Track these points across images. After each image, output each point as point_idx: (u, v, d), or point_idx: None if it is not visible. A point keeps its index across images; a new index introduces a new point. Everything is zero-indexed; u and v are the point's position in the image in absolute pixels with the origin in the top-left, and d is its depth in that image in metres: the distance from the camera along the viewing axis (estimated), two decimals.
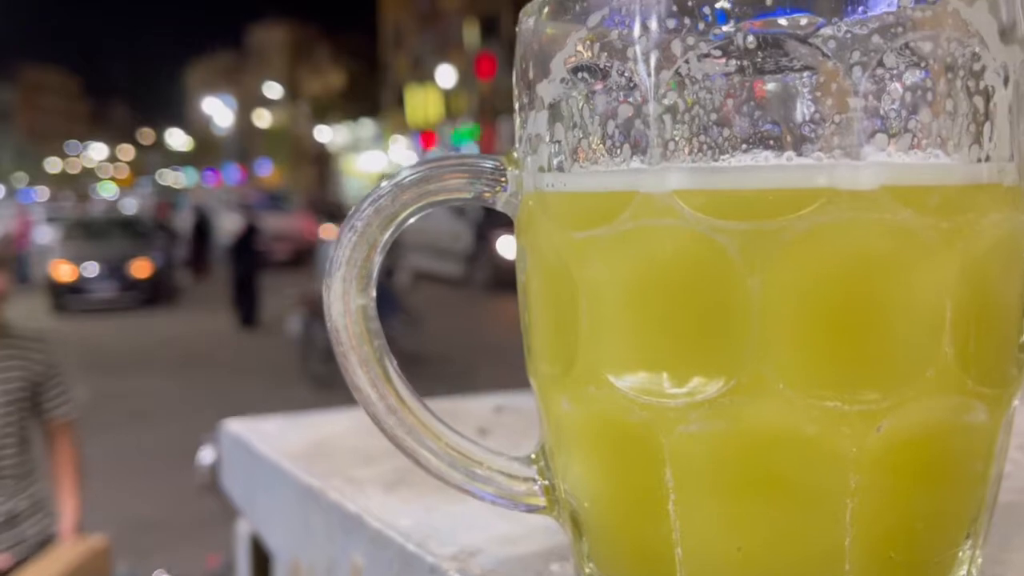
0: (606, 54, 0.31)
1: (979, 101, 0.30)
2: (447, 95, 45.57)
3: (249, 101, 64.74)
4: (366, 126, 55.13)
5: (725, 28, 0.29)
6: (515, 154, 0.36)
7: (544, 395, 0.36)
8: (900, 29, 0.29)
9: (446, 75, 40.25)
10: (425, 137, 47.86)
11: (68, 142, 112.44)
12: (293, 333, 9.54)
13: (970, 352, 0.30)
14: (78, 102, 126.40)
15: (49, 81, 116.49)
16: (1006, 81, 0.31)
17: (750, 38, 0.29)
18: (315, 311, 9.57)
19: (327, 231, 20.27)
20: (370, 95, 54.61)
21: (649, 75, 0.30)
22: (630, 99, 0.31)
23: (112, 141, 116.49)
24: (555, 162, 0.33)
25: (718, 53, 0.29)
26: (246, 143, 56.94)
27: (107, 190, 79.15)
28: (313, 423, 0.85)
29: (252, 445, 0.82)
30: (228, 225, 21.64)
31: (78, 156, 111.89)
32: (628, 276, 0.31)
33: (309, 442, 0.79)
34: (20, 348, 2.78)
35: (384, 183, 0.36)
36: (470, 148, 44.05)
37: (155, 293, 16.22)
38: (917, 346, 0.30)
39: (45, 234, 22.07)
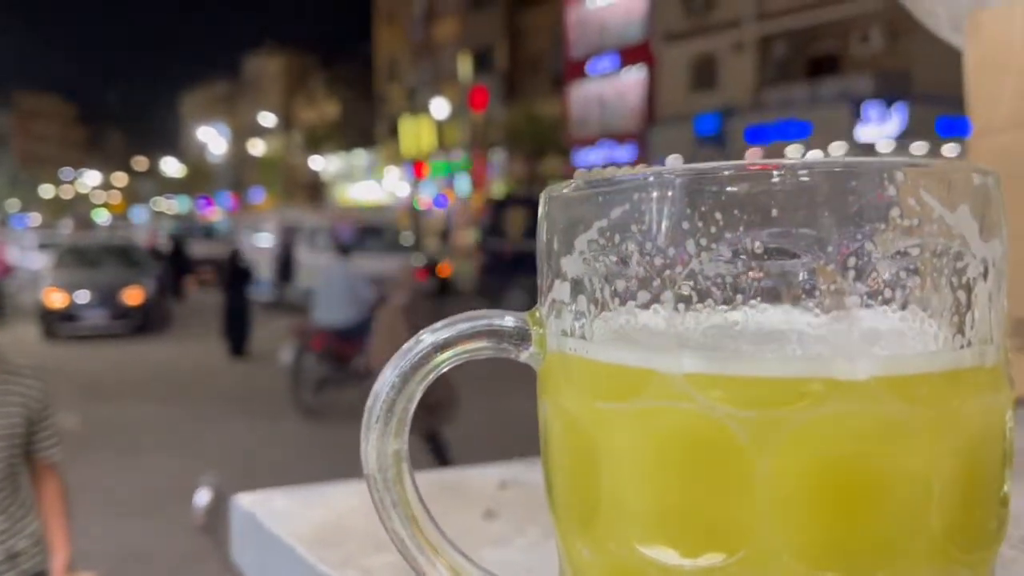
0: (625, 246, 0.35)
1: (962, 295, 0.34)
2: (440, 126, 45.80)
3: (243, 130, 64.95)
4: (360, 156, 55.32)
5: (734, 234, 0.33)
6: (537, 313, 0.40)
7: (565, 538, 0.39)
8: (891, 237, 0.32)
9: (440, 106, 40.48)
10: (418, 167, 47.96)
11: (62, 169, 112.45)
12: (284, 364, 9.49)
13: (955, 523, 0.34)
14: (72, 129, 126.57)
15: (44, 108, 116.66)
16: (985, 274, 0.34)
17: (757, 243, 0.32)
18: (306, 342, 9.50)
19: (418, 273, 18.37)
20: (364, 125, 54.84)
21: (664, 269, 0.34)
22: (647, 287, 0.34)
23: (106, 168, 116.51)
24: (577, 328, 0.37)
25: (728, 254, 0.33)
26: (240, 171, 57.08)
27: (99, 216, 79.01)
28: (324, 498, 0.87)
29: (263, 524, 0.84)
30: (315, 262, 17.52)
31: (72, 183, 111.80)
32: (646, 451, 0.34)
33: (321, 522, 0.81)
34: (18, 384, 2.75)
35: (426, 335, 0.39)
36: (461, 179, 44.19)
37: (147, 321, 16.11)
38: (907, 522, 0.33)
39: (37, 260, 22.00)
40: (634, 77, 35.01)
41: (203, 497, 2.50)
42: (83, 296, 15.69)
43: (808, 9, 29.00)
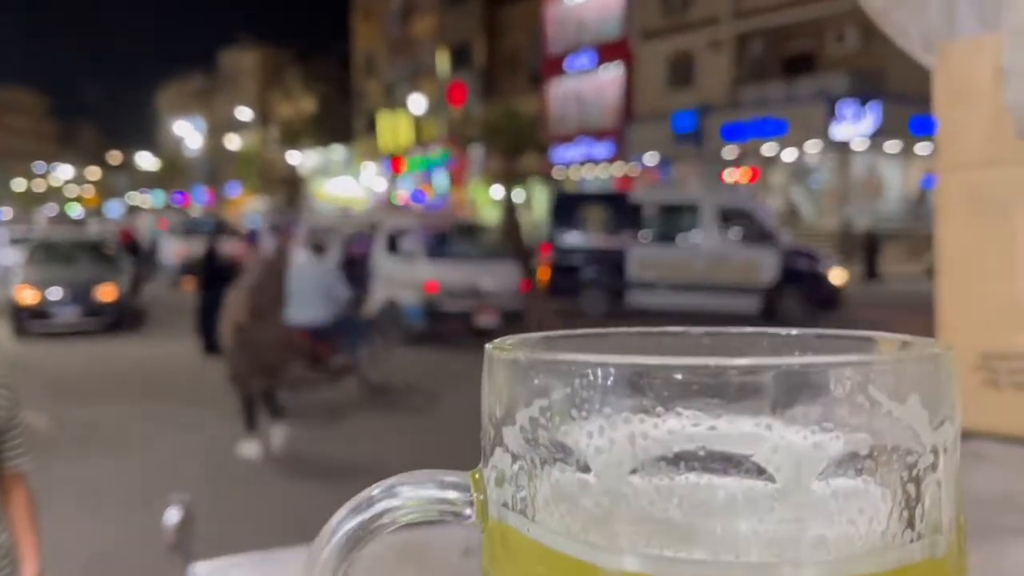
0: (564, 428, 0.33)
1: (911, 488, 0.33)
2: (418, 122, 45.70)
3: (219, 124, 64.56)
4: (337, 151, 55.12)
5: (678, 433, 0.32)
6: (478, 475, 0.38)
7: None
8: (839, 436, 0.32)
9: (417, 102, 40.39)
10: (395, 163, 47.87)
11: (35, 162, 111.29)
12: None
13: None
14: (45, 122, 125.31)
15: (16, 101, 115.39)
16: (935, 464, 0.33)
17: (701, 447, 0.32)
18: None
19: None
20: (341, 120, 54.62)
21: (604, 464, 0.33)
22: (586, 478, 0.33)
23: (80, 162, 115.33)
24: (518, 502, 0.35)
25: (670, 454, 0.32)
26: (215, 166, 56.73)
27: (73, 210, 78.23)
28: (280, 565, 0.85)
29: None
30: (397, 270, 14.70)
31: (45, 176, 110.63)
32: None
33: None
34: None
35: (378, 498, 0.38)
36: (439, 174, 44.14)
37: (120, 318, 15.89)
38: None
39: (8, 256, 21.70)
40: (612, 74, 35.10)
41: (173, 516, 2.49)
42: (55, 293, 15.45)
43: (784, 8, 29.21)
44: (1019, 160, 0.95)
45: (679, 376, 0.32)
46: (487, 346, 0.37)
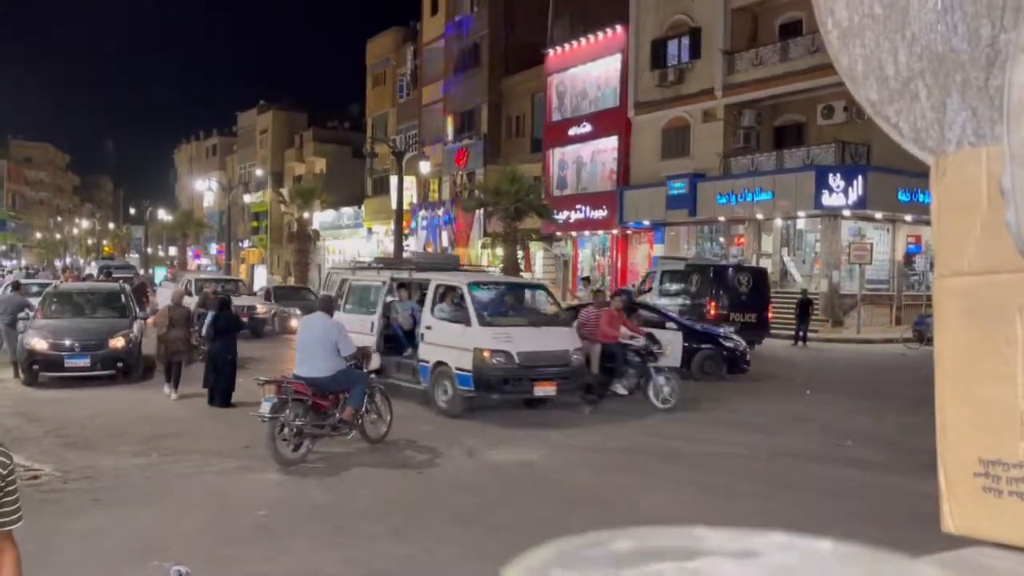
0: None
1: None
2: (425, 183, 47.00)
3: (235, 182, 66.08)
4: (348, 210, 56.40)
5: None
6: None
7: None
8: None
9: (425, 165, 41.65)
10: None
11: (53, 216, 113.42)
12: (263, 416, 9.38)
13: None
14: (64, 176, 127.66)
15: (37, 155, 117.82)
16: None
17: None
18: (284, 395, 9.39)
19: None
20: (353, 180, 56.09)
21: None
22: None
23: (96, 216, 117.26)
24: None
25: None
26: (229, 222, 57.85)
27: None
28: None
29: None
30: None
31: (63, 229, 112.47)
32: None
33: None
34: None
35: None
36: (444, 234, 45.17)
37: (130, 367, 15.89)
38: None
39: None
40: (609, 142, 36.29)
41: None
42: (67, 341, 15.37)
43: (774, 82, 30.22)
44: (1018, 268, 0.91)
45: None
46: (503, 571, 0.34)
